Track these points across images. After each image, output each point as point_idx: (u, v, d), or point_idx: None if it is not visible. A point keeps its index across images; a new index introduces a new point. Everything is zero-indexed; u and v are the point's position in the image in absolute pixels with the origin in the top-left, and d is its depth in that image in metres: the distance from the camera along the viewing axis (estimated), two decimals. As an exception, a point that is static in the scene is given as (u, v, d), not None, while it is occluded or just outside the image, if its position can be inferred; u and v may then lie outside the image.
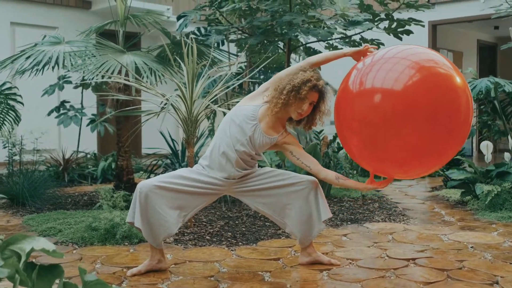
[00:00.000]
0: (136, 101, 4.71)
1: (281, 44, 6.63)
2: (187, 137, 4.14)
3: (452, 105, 2.70)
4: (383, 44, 5.85)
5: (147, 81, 4.55)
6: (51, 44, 5.05)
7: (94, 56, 4.77)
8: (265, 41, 5.98)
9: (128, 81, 4.21)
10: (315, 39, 6.17)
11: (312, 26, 5.72)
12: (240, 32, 6.50)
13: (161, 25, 5.50)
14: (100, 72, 4.39)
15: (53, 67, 4.84)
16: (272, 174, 3.19)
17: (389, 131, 2.70)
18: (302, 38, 6.45)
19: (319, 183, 3.19)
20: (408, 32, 5.76)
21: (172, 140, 6.53)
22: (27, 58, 4.80)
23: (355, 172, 6.42)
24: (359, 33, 5.79)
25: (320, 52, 6.33)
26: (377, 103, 2.73)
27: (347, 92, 2.91)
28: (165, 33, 5.38)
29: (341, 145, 5.90)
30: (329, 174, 3.12)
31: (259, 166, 3.36)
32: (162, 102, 4.34)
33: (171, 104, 3.94)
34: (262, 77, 8.93)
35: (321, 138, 5.92)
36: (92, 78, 4.57)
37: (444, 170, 6.40)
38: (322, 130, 5.99)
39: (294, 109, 3.00)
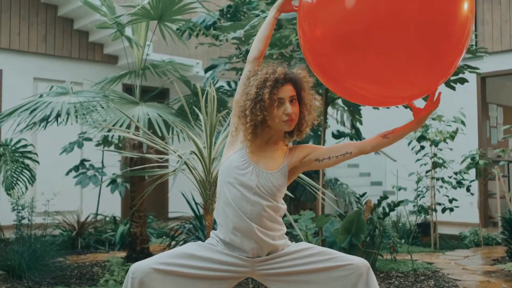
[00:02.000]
0: (153, 159, 4.06)
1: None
2: (205, 202, 3.45)
3: (447, 19, 1.99)
4: (433, 95, 5.14)
5: (171, 136, 3.92)
6: (57, 94, 4.51)
7: (103, 107, 4.19)
8: (299, 93, 5.34)
9: (138, 135, 3.58)
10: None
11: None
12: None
13: (180, 73, 4.93)
14: (105, 125, 3.79)
15: (57, 120, 4.27)
16: (310, 252, 2.38)
17: (374, 46, 1.98)
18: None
19: (370, 267, 2.39)
20: (463, 81, 5.05)
21: (196, 203, 5.84)
22: (27, 110, 4.24)
23: (403, 241, 5.58)
24: (406, 82, 5.09)
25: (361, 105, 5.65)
26: (351, 9, 1.99)
27: (307, 10, 2.19)
28: (184, 82, 4.79)
29: (387, 210, 5.11)
30: (374, 141, 2.34)
31: (293, 240, 2.60)
32: (179, 160, 3.69)
33: (185, 163, 3.27)
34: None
35: (363, 202, 5.15)
36: (97, 131, 3.97)
37: (509, 239, 5.52)
38: (365, 193, 5.23)
39: (276, 122, 2.27)
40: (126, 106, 4.21)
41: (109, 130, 4.00)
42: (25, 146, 6.63)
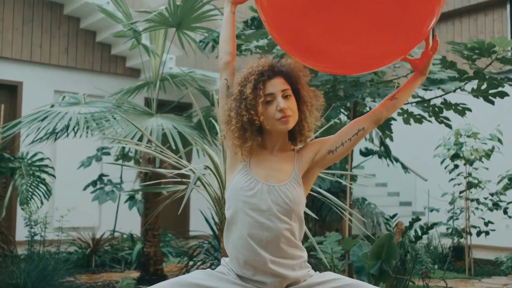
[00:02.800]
0: (165, 174, 3.77)
1: (341, 112, 5.63)
2: (220, 222, 3.14)
3: None
4: (469, 110, 4.78)
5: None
6: (69, 105, 4.28)
7: (115, 118, 3.94)
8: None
9: (150, 148, 3.30)
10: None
11: (382, 86, 4.72)
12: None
13: (200, 84, 4.66)
14: (115, 137, 3.52)
15: (67, 132, 4.02)
16: (336, 285, 1.95)
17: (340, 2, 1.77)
18: (369, 103, 5.45)
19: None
20: (503, 95, 4.66)
21: (215, 221, 5.53)
22: (34, 120, 4.00)
23: (436, 266, 5.19)
24: (441, 95, 4.74)
25: (392, 119, 5.30)
26: None
27: None
28: (203, 93, 4.52)
29: (419, 233, 4.74)
30: (384, 106, 2.01)
31: (317, 265, 2.26)
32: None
33: (199, 179, 2.97)
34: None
35: (393, 225, 4.79)
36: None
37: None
38: (396, 214, 4.86)
39: (270, 121, 1.93)
40: (140, 117, 3.95)
41: (119, 142, 3.74)
42: (41, 159, 6.45)
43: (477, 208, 6.56)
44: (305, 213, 2.14)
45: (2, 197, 6.20)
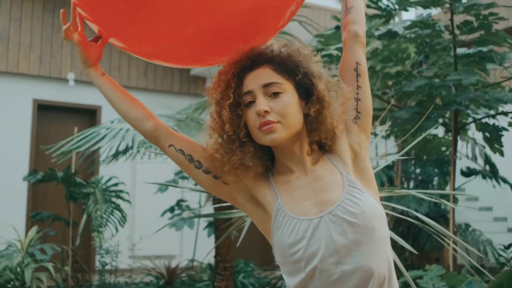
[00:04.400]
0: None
1: (438, 122, 4.89)
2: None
3: None
4: None
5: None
6: (127, 121, 3.90)
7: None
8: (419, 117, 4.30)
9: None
10: (488, 112, 4.36)
11: (489, 90, 3.97)
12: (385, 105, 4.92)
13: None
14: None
15: (125, 151, 3.64)
16: None
17: None
18: (472, 114, 4.68)
19: None
20: None
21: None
22: (85, 138, 3.64)
23: None
24: None
25: (503, 129, 4.47)
26: None
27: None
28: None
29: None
30: (348, 22, 1.44)
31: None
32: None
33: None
34: (418, 170, 7.15)
35: (510, 255, 4.00)
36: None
37: None
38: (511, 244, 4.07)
39: (252, 131, 1.33)
40: (202, 133, 3.48)
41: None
42: (116, 184, 6.19)
43: None
44: (399, 245, 1.53)
45: (77, 224, 5.98)
